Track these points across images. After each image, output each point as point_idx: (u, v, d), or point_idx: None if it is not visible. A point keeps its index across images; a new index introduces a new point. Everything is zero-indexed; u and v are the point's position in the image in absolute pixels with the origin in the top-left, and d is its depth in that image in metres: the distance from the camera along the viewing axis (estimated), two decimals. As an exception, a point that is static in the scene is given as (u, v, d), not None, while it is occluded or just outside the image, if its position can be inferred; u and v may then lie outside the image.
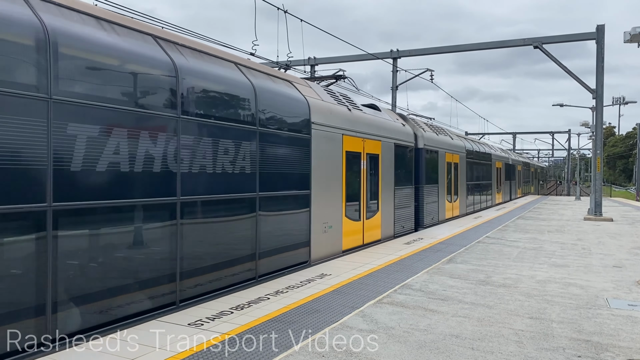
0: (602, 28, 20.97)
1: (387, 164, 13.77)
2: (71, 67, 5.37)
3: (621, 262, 10.82)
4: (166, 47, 6.80)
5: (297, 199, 9.49)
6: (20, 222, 4.88)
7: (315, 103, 10.24)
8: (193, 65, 7.10)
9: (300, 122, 9.62)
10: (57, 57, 5.12)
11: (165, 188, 6.42)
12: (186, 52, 7.19)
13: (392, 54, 25.79)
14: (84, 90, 5.43)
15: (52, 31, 5.12)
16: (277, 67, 15.14)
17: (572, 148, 63.40)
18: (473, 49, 24.50)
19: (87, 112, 5.40)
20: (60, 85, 5.15)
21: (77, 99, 5.30)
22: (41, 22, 5.06)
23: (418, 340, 5.58)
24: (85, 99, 5.40)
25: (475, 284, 8.40)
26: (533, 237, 14.87)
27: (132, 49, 6.20)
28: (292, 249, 9.31)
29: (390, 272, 9.35)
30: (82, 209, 5.40)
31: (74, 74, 5.39)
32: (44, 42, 5.01)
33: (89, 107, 5.42)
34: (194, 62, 7.19)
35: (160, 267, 6.37)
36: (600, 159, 21.91)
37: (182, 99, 6.70)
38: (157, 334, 5.50)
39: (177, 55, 6.89)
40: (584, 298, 7.59)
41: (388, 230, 13.90)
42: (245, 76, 8.28)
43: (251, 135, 8.04)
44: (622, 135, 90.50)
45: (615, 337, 5.80)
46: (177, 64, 6.71)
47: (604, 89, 21.25)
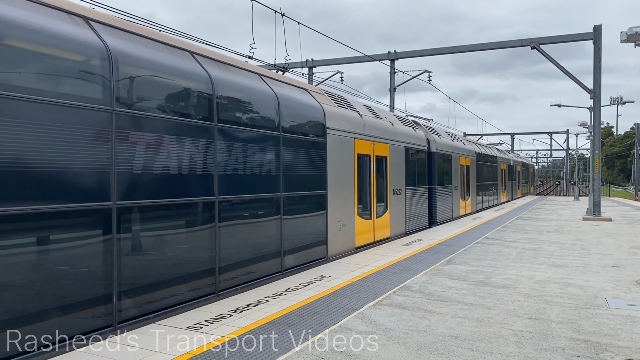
0: (599, 28, 21.02)
1: (397, 166, 14.51)
2: (129, 83, 6.13)
3: (620, 261, 10.82)
4: (202, 61, 7.53)
5: (315, 198, 10.22)
6: (91, 217, 5.57)
7: (329, 109, 10.96)
8: (226, 78, 7.84)
9: (316, 127, 10.39)
10: (118, 74, 5.85)
11: (206, 188, 7.18)
12: (218, 65, 7.91)
13: (389, 55, 25.82)
14: (141, 103, 6.20)
15: (113, 52, 5.89)
16: (274, 69, 15.17)
17: (570, 148, 63.36)
18: (471, 50, 24.56)
19: (142, 121, 6.19)
20: (121, 99, 5.88)
21: (135, 110, 6.09)
22: (105, 44, 5.83)
23: (417, 341, 5.57)
24: (141, 110, 6.17)
25: (475, 285, 8.40)
26: (532, 238, 14.88)
27: (176, 65, 6.92)
28: (312, 246, 10.02)
29: (389, 273, 9.35)
30: (139, 206, 6.16)
31: (132, 89, 6.15)
32: (107, 61, 5.77)
33: (144, 117, 6.20)
34: (226, 75, 7.93)
35: (203, 260, 7.08)
36: (598, 159, 21.94)
37: (217, 108, 7.42)
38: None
39: (212, 69, 7.59)
40: (583, 298, 7.59)
41: (399, 228, 14.68)
42: (269, 86, 9.07)
43: (275, 140, 8.82)
44: (620, 135, 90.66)
45: (614, 336, 5.80)
46: (212, 77, 7.43)
47: (601, 89, 21.30)
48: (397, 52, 25.79)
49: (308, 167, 9.94)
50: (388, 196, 13.86)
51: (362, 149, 12.28)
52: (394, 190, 14.23)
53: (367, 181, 12.59)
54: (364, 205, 12.39)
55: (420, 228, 16.46)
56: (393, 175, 14.19)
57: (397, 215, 14.57)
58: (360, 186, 12.11)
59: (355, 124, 12.11)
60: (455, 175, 20.70)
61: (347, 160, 11.51)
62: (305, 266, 9.67)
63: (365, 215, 12.44)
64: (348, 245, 11.54)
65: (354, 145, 11.80)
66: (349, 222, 11.60)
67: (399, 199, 14.67)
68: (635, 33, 14.80)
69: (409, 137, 15.68)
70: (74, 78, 5.43)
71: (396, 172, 14.45)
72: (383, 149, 13.54)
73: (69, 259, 5.28)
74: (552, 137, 62.76)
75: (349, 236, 11.60)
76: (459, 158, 21.32)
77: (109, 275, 5.65)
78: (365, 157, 12.48)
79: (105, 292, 5.62)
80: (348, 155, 11.55)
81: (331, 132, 10.73)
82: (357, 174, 11.90)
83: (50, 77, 5.14)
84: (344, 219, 11.31)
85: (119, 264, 5.75)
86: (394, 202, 14.28)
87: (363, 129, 12.41)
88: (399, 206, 14.67)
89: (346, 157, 11.46)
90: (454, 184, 20.47)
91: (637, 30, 16.33)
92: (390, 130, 14.21)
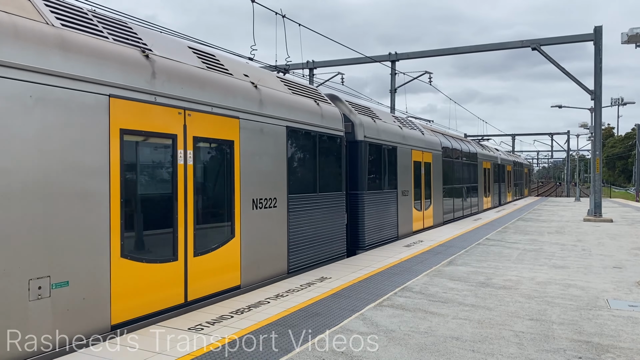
0: (600, 29, 21.03)
1: (261, 159, 8.50)
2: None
3: (621, 262, 10.82)
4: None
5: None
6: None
7: None
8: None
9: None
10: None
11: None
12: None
13: (390, 56, 25.84)
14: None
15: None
16: (275, 70, 15.17)
17: (571, 149, 63.41)
18: (471, 51, 24.58)
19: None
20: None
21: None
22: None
23: (418, 342, 5.57)
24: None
25: (476, 286, 8.39)
26: (533, 239, 14.87)
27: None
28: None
29: (390, 274, 9.34)
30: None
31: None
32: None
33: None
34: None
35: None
36: (599, 160, 21.93)
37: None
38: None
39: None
40: (584, 299, 7.59)
41: (263, 271, 8.42)
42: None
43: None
44: (621, 136, 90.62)
45: (616, 338, 5.80)
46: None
47: (602, 90, 21.29)
48: (397, 54, 25.82)
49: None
50: (237, 213, 7.79)
51: (139, 119, 6.22)
52: (253, 201, 8.18)
53: (171, 186, 6.71)
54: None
55: (324, 259, 10.29)
56: (249, 176, 8.13)
57: (262, 245, 8.38)
58: (124, 193, 5.95)
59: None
60: (405, 175, 15.21)
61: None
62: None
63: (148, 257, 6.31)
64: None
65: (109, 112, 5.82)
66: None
67: (268, 217, 8.57)
68: (635, 34, 14.81)
69: (300, 112, 9.69)
70: None
71: (258, 170, 8.38)
72: (216, 128, 7.48)
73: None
74: (553, 138, 62.78)
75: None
76: (412, 152, 15.81)
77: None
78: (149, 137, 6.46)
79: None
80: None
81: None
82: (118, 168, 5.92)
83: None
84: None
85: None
86: (253, 222, 8.17)
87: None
88: (266, 229, 8.53)
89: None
90: (402, 188, 14.86)
91: (637, 31, 16.35)
92: (240, 89, 8.13)
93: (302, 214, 9.63)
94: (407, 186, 15.38)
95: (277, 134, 8.95)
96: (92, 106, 5.60)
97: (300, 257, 9.51)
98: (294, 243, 9.31)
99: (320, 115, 10.46)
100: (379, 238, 13.25)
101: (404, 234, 15.14)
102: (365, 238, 12.36)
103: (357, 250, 12.23)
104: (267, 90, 8.89)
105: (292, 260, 9.26)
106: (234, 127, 7.83)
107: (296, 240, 9.38)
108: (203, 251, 7.10)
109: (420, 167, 16.76)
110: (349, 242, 12.00)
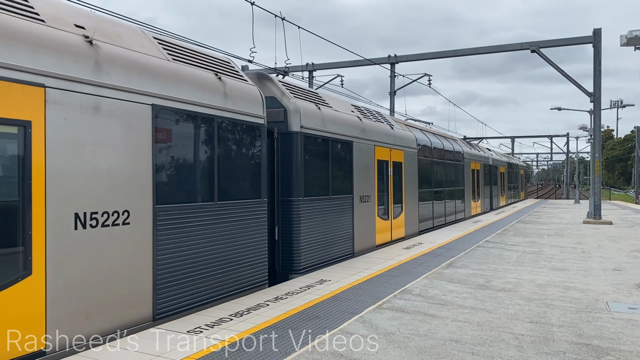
0: (599, 32, 21.06)
1: (88, 148, 5.52)
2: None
3: (621, 265, 10.81)
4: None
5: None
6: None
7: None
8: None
9: None
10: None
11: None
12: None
13: (389, 59, 25.89)
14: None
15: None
16: (274, 73, 15.18)
17: (570, 151, 63.46)
18: (471, 54, 24.60)
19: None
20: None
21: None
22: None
23: (418, 345, 5.57)
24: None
25: (475, 289, 8.39)
26: (533, 241, 14.86)
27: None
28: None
29: (389, 277, 9.34)
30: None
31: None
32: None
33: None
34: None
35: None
36: (598, 162, 21.94)
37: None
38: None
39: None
40: (584, 302, 7.58)
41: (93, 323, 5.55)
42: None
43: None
44: (620, 138, 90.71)
45: (615, 340, 5.79)
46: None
47: (601, 92, 21.31)
48: (397, 56, 25.86)
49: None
50: (36, 235, 4.91)
51: None
52: (77, 216, 5.31)
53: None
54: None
55: (226, 292, 7.44)
56: (69, 178, 5.27)
57: (98, 282, 5.52)
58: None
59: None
60: (365, 177, 12.60)
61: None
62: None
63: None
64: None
65: None
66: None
67: (112, 240, 5.70)
68: (635, 36, 14.84)
69: (183, 85, 6.79)
70: None
71: (91, 170, 5.51)
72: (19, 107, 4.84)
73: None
74: (552, 140, 62.80)
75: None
76: (375, 149, 13.24)
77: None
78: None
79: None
80: None
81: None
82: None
83: None
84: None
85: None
86: (78, 249, 5.31)
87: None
88: (109, 257, 5.65)
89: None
90: (361, 193, 12.30)
91: (636, 33, 16.38)
92: (48, 39, 5.16)
93: (184, 233, 6.72)
94: (368, 190, 12.67)
95: (134, 115, 6.00)
96: None
97: (177, 295, 6.58)
98: (166, 276, 6.40)
99: (222, 93, 7.52)
100: (325, 257, 10.52)
101: (364, 248, 12.34)
102: (301, 258, 9.59)
103: (291, 274, 9.53)
104: (115, 50, 5.93)
105: (163, 300, 6.35)
106: (31, 99, 4.90)
107: (170, 272, 6.46)
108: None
109: (388, 167, 14.12)
110: (279, 264, 9.59)
